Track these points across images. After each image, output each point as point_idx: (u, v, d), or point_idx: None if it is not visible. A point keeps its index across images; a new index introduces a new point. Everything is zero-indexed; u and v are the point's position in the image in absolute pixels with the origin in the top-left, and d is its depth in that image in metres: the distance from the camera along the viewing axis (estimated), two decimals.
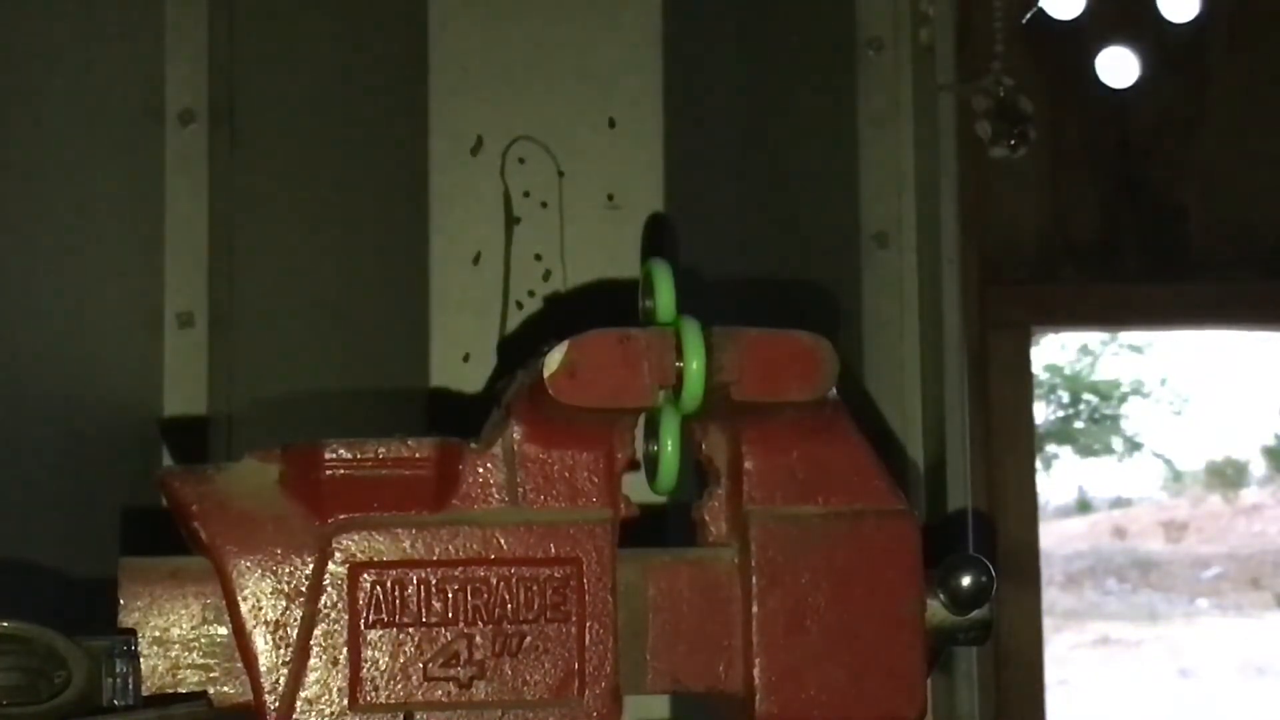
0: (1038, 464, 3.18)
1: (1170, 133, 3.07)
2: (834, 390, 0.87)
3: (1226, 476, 9.92)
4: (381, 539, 0.86)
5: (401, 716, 0.86)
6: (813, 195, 2.04)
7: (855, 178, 2.04)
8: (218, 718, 0.85)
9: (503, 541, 0.87)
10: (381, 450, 0.87)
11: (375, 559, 0.86)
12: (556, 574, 0.87)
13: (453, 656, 0.86)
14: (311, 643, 0.85)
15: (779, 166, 1.95)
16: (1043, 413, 9.07)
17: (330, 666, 0.85)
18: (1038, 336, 3.25)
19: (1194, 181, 3.06)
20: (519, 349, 1.77)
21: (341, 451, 0.86)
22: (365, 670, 0.86)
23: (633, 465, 0.90)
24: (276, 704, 0.85)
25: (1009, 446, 3.05)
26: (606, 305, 1.80)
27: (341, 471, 0.86)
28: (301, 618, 0.86)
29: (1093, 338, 8.75)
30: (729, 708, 0.90)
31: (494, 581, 0.87)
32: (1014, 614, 3.04)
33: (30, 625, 0.80)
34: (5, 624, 0.80)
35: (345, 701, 0.85)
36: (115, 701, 0.81)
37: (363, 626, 0.86)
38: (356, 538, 0.86)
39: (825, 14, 2.03)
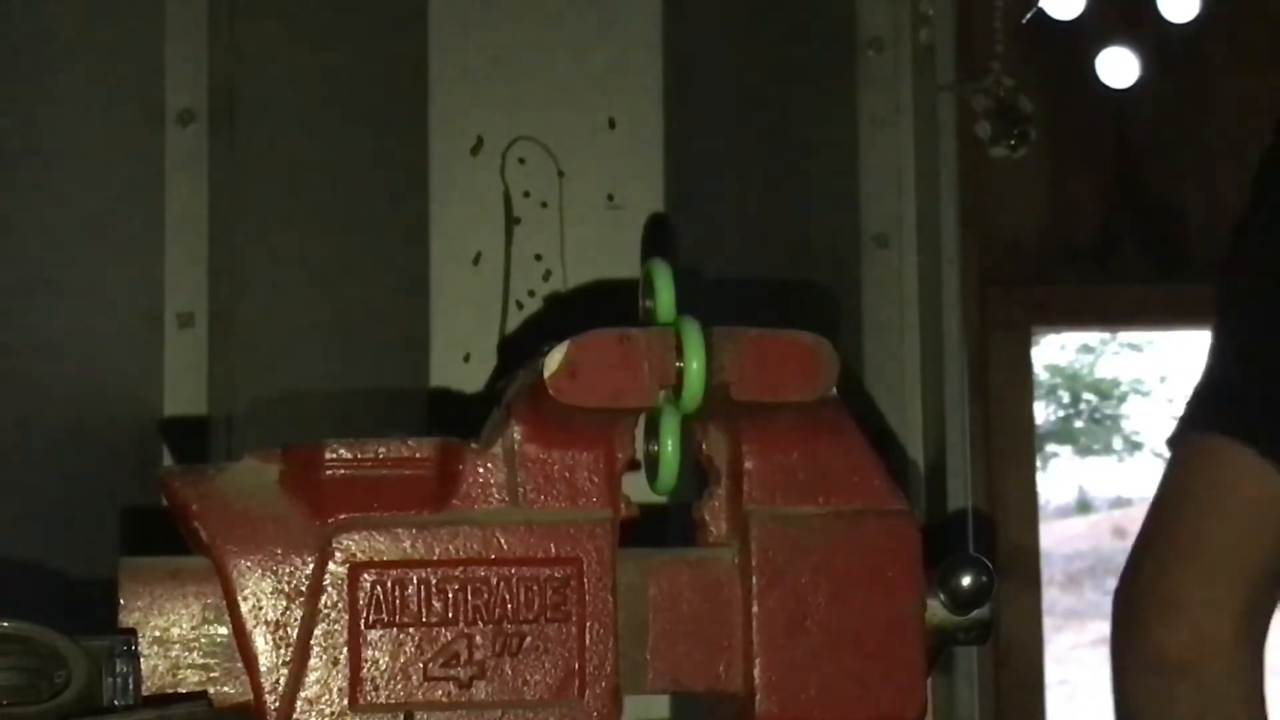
0: (1038, 464, 3.18)
1: (1170, 133, 3.07)
2: (834, 390, 0.87)
3: None
4: (382, 539, 0.86)
5: (401, 716, 0.86)
6: (812, 195, 2.04)
7: (855, 178, 2.04)
8: (218, 718, 0.85)
9: (503, 541, 0.87)
10: (381, 450, 0.87)
11: (375, 559, 0.86)
12: (557, 574, 0.87)
13: (453, 656, 0.86)
14: (311, 643, 0.85)
15: (779, 167, 1.95)
16: (1043, 413, 9.05)
17: (330, 666, 0.85)
18: (1038, 336, 3.25)
19: (1194, 181, 3.06)
20: (519, 349, 1.77)
21: (341, 451, 0.86)
22: (365, 670, 0.85)
23: (633, 465, 0.90)
24: (276, 704, 0.85)
25: (1009, 446, 3.05)
26: (606, 305, 1.80)
27: (341, 471, 0.86)
28: (301, 618, 0.85)
29: (1093, 338, 8.74)
30: (729, 708, 0.90)
31: (494, 581, 0.87)
32: (1014, 614, 3.04)
33: (30, 625, 0.80)
34: (5, 624, 0.80)
35: (345, 701, 0.85)
36: (115, 701, 0.81)
37: (363, 626, 0.86)
38: (357, 538, 0.86)
39: (825, 14, 2.03)
